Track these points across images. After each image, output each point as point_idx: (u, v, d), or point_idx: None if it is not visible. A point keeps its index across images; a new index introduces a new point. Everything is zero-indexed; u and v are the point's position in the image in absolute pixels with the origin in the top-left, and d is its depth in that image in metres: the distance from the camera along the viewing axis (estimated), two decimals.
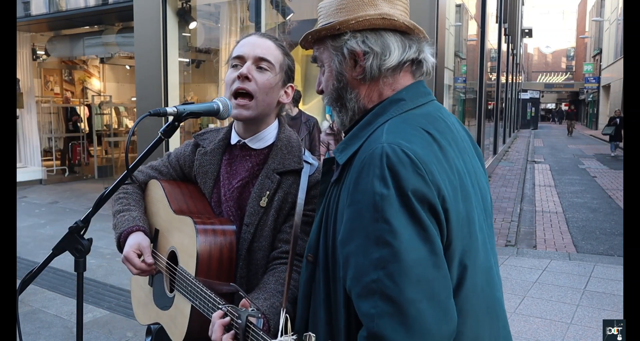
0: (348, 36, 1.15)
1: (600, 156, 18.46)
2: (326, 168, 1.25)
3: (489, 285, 1.13)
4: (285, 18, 7.30)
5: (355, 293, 1.01)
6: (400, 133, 1.06)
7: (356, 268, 1.00)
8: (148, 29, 7.50)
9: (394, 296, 0.95)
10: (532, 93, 42.04)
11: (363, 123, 1.16)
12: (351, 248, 1.02)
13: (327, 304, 1.14)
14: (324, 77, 1.23)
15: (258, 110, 1.50)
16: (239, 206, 1.54)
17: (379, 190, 0.98)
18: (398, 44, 1.15)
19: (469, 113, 11.55)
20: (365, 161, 1.03)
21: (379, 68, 1.15)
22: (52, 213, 8.09)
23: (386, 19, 1.14)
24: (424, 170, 1.00)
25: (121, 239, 1.56)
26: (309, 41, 1.23)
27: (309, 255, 1.19)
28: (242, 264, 1.47)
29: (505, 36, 17.65)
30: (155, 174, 1.71)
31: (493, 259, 1.18)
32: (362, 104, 1.19)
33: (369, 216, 0.99)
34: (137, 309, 1.75)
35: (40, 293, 4.59)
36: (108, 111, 13.56)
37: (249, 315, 1.15)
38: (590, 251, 6.33)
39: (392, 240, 0.96)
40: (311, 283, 1.19)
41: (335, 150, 1.17)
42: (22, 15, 9.44)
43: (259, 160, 1.55)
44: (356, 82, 1.18)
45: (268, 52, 1.50)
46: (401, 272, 0.96)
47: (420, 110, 1.15)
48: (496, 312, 1.15)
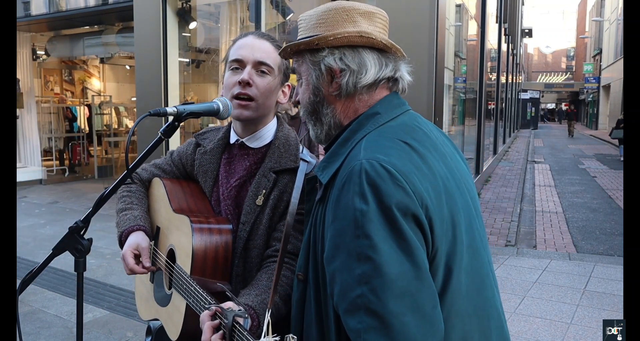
0: (326, 52, 1.16)
1: (600, 156, 18.46)
2: (310, 187, 1.27)
3: (477, 287, 1.13)
4: (285, 18, 7.31)
5: (342, 309, 1.02)
6: (377, 147, 1.07)
7: (341, 284, 1.01)
8: (148, 29, 7.50)
9: (378, 311, 0.96)
10: (532, 93, 42.03)
11: (341, 141, 1.17)
12: (336, 265, 1.03)
13: (319, 322, 1.15)
14: (301, 89, 1.24)
15: (258, 112, 1.52)
16: (236, 205, 1.55)
17: (358, 206, 0.99)
18: (375, 62, 1.17)
19: (469, 113, 11.55)
20: (345, 178, 1.04)
21: (354, 85, 1.16)
22: (52, 213, 8.09)
23: (364, 37, 1.15)
24: (405, 182, 1.01)
25: (122, 238, 1.58)
26: (288, 52, 1.24)
27: (299, 274, 1.21)
28: (238, 262, 1.49)
29: (505, 36, 17.64)
30: (158, 172, 1.73)
31: (486, 258, 1.18)
32: (337, 120, 1.21)
33: (350, 232, 1.00)
34: (140, 304, 1.79)
35: (40, 293, 4.59)
36: (108, 111, 13.56)
37: (236, 315, 1.18)
38: (590, 251, 6.33)
39: (374, 255, 0.97)
40: (303, 302, 1.21)
41: (317, 168, 1.18)
42: (22, 15, 9.44)
43: (256, 158, 1.56)
44: (332, 97, 1.19)
45: (267, 56, 1.51)
46: (384, 286, 0.96)
47: (396, 122, 1.17)
48: (487, 312, 1.15)
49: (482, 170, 11.12)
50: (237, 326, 1.16)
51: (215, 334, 1.22)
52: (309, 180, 1.29)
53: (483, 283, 1.15)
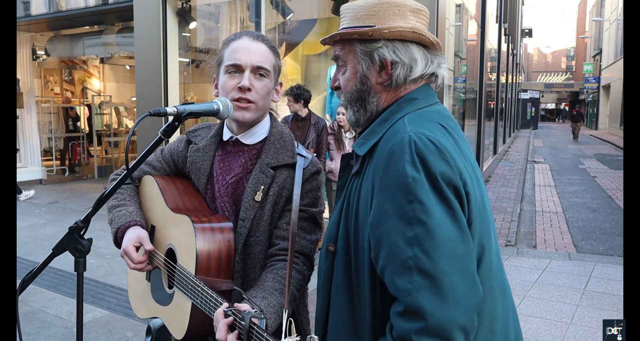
0: (380, 44, 1.21)
1: (600, 156, 18.46)
2: (344, 163, 1.33)
3: (500, 267, 1.22)
4: (285, 18, 7.31)
5: (390, 270, 1.07)
6: (421, 125, 1.14)
7: (390, 247, 1.06)
8: (148, 29, 7.50)
9: (430, 270, 1.02)
10: (532, 93, 42.00)
11: (380, 120, 1.24)
12: (384, 229, 1.08)
13: (348, 291, 1.20)
14: (344, 77, 1.28)
15: (258, 113, 1.54)
16: (233, 201, 1.55)
17: (410, 173, 1.05)
18: (422, 57, 1.23)
19: (469, 113, 11.54)
20: (393, 148, 1.10)
21: (404, 78, 1.23)
22: (52, 213, 8.09)
23: (416, 33, 1.21)
24: (448, 156, 1.08)
25: (118, 234, 1.56)
26: (335, 40, 1.28)
27: (330, 245, 1.25)
28: (237, 258, 1.49)
29: (505, 36, 17.64)
30: (149, 169, 1.72)
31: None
32: (381, 108, 1.27)
33: (401, 197, 1.06)
34: (135, 302, 1.76)
35: (40, 293, 4.59)
36: (108, 111, 13.56)
37: (253, 317, 1.19)
38: (590, 251, 6.33)
39: (426, 219, 1.03)
40: (331, 272, 1.25)
41: (354, 144, 1.26)
42: (22, 15, 9.44)
43: (252, 155, 1.57)
44: (380, 87, 1.25)
45: (265, 59, 1.52)
46: (435, 248, 1.03)
47: (432, 109, 1.24)
48: (506, 292, 1.24)
49: (482, 170, 11.13)
50: (254, 328, 1.19)
51: (230, 334, 1.24)
52: (343, 157, 1.34)
53: (502, 266, 1.25)
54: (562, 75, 67.07)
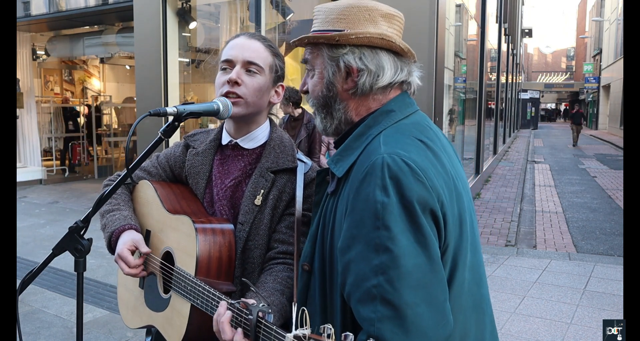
0: (346, 50, 1.17)
1: (600, 156, 18.46)
2: (320, 179, 1.28)
3: (476, 282, 1.16)
4: (285, 18, 7.31)
5: (355, 298, 1.03)
6: (396, 143, 1.09)
7: (356, 274, 1.03)
8: (148, 29, 7.50)
9: (394, 301, 0.98)
10: (532, 93, 41.97)
11: (355, 135, 1.18)
12: (351, 255, 1.04)
13: (323, 312, 1.17)
14: (312, 81, 1.25)
15: (248, 109, 1.51)
16: (232, 205, 1.54)
17: (379, 198, 1.01)
18: (391, 65, 1.18)
19: (469, 113, 11.54)
20: (366, 171, 1.06)
21: (371, 86, 1.18)
22: (52, 213, 8.09)
23: (385, 40, 1.16)
24: (424, 177, 1.03)
25: (112, 238, 1.54)
26: (305, 43, 1.24)
27: (305, 264, 1.22)
28: (236, 263, 1.47)
29: (505, 36, 17.64)
30: (144, 175, 1.69)
31: (482, 256, 1.23)
32: (349, 116, 1.22)
33: (369, 223, 1.02)
34: (126, 313, 1.71)
35: (40, 293, 4.59)
36: (108, 111, 13.55)
37: (260, 310, 1.15)
38: (590, 251, 6.33)
39: (392, 246, 0.99)
40: (306, 291, 1.22)
41: (329, 161, 1.20)
42: (22, 15, 9.44)
43: (251, 159, 1.56)
44: (346, 94, 1.21)
45: (257, 56, 1.50)
46: (400, 277, 0.98)
47: (410, 120, 1.19)
48: (482, 308, 1.18)
49: (482, 170, 11.12)
50: (262, 321, 1.14)
51: (237, 334, 1.18)
52: (318, 173, 1.30)
53: (481, 280, 1.19)
54: (562, 75, 67.10)
